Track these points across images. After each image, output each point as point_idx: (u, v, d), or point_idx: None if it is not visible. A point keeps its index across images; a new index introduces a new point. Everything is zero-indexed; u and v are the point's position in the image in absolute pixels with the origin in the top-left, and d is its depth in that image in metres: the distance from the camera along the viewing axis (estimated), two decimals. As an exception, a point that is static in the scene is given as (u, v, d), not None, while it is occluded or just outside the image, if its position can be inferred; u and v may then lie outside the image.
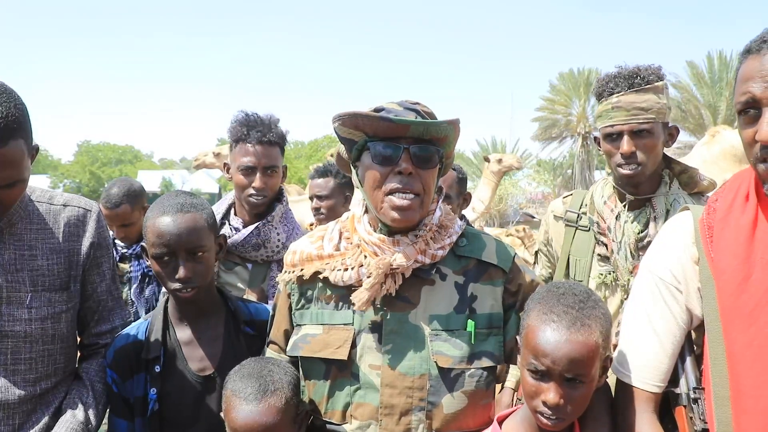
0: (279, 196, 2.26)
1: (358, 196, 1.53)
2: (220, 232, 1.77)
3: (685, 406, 1.27)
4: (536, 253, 2.35)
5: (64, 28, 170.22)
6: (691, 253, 1.26)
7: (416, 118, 1.32)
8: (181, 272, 1.53)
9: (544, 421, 1.23)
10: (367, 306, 1.36)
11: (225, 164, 2.27)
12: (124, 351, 1.61)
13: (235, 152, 2.15)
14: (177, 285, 1.54)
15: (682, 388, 1.28)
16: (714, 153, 5.40)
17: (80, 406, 1.55)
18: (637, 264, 1.86)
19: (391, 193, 1.31)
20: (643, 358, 1.30)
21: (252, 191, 2.14)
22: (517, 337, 1.32)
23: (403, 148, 1.30)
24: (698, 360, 1.29)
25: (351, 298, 1.37)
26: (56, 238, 1.56)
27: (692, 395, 1.26)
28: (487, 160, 8.69)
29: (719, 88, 22.60)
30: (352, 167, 1.43)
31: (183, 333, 1.64)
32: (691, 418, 1.25)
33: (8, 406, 1.46)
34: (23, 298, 1.48)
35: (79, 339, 1.72)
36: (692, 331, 1.31)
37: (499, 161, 8.40)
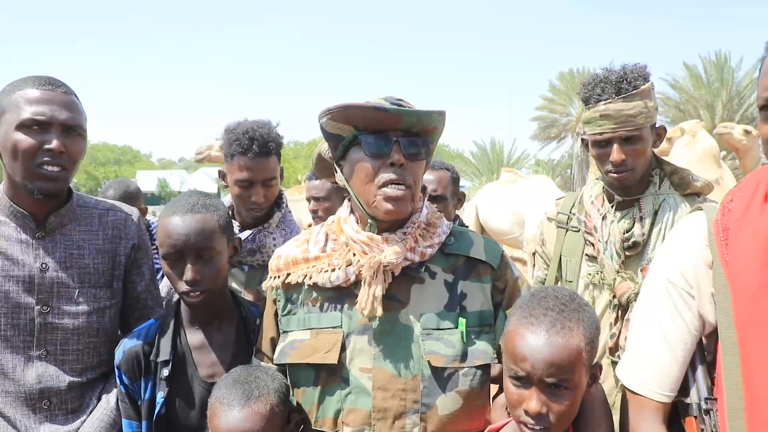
0: (278, 201, 2.24)
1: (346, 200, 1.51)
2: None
3: (695, 417, 1.21)
4: (533, 254, 2.38)
5: (63, 28, 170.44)
6: (704, 257, 1.20)
7: None
8: (188, 274, 1.49)
9: None
10: (376, 309, 1.31)
11: (220, 171, 2.24)
12: (134, 352, 1.58)
13: (232, 165, 2.10)
14: (185, 287, 1.51)
15: (692, 398, 1.23)
16: (697, 153, 5.26)
17: (114, 392, 1.65)
18: (623, 263, 1.89)
19: (384, 185, 1.29)
20: (653, 366, 1.24)
21: (252, 205, 2.12)
22: (500, 344, 1.28)
23: (394, 140, 1.30)
24: (710, 368, 1.23)
25: (357, 308, 1.33)
26: (101, 239, 1.70)
27: (704, 406, 1.20)
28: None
29: (716, 89, 22.58)
30: (336, 166, 1.41)
31: (194, 337, 1.61)
32: (702, 429, 1.19)
33: (60, 392, 1.59)
34: (72, 293, 1.62)
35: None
36: (703, 338, 1.26)
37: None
